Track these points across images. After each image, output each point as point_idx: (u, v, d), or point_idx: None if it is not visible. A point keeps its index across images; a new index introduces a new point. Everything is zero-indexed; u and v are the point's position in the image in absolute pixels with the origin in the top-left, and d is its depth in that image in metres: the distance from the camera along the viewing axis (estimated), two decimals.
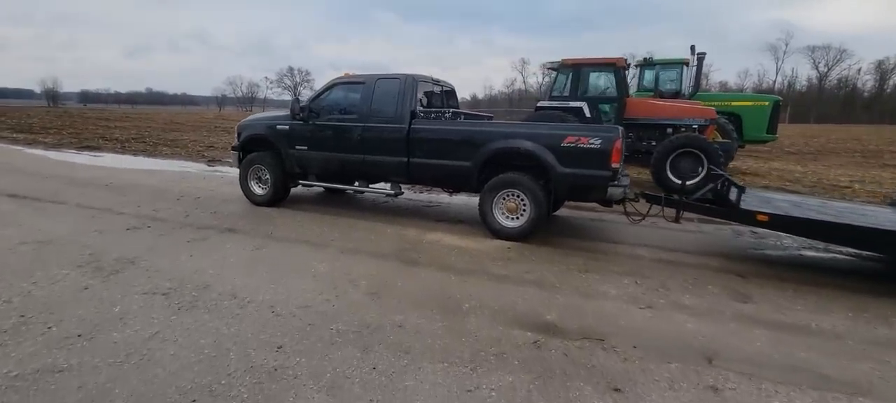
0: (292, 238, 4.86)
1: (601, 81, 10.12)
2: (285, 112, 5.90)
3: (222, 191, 7.17)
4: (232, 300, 3.31)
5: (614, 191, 4.55)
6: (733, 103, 12.06)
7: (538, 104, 10.08)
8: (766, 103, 11.83)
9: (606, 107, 9.84)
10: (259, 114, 6.48)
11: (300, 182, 6.09)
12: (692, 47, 11.53)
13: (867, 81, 64.91)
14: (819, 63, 66.15)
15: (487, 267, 4.14)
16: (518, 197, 4.84)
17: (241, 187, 6.29)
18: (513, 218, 4.90)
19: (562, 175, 4.60)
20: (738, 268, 4.27)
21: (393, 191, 5.56)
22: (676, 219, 4.98)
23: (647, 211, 5.00)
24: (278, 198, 6.16)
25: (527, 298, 3.48)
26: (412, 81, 5.37)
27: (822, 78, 66.60)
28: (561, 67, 9.90)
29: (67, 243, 4.50)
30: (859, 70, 64.77)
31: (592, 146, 4.48)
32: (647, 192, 5.02)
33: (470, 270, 4.05)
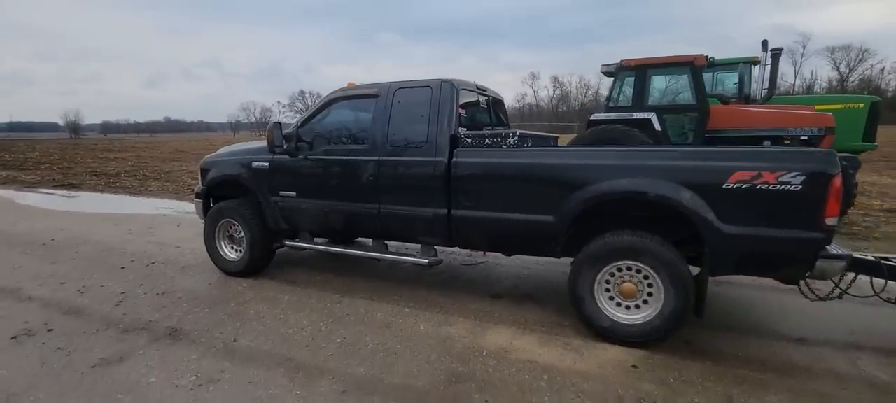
0: (265, 351, 2.95)
1: (673, 86, 8.17)
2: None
3: (190, 250, 5.35)
4: None
5: (829, 266, 2.55)
6: (818, 107, 9.96)
7: (592, 117, 8.14)
8: (862, 104, 9.68)
9: (678, 118, 7.87)
10: (232, 147, 4.67)
11: (286, 243, 4.21)
12: (764, 43, 9.51)
13: (891, 81, 61.61)
14: (840, 64, 63.33)
15: None
16: (639, 273, 2.87)
17: (207, 249, 4.45)
18: (631, 308, 2.92)
19: (726, 238, 2.62)
20: None
21: (425, 259, 3.61)
22: None
23: (848, 285, 2.98)
24: (257, 266, 4.29)
25: None
26: (450, 90, 3.49)
27: (844, 79, 63.52)
28: (620, 70, 7.97)
29: None
30: (883, 70, 61.60)
31: (787, 187, 2.50)
32: (855, 255, 2.99)
33: None
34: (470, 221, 3.33)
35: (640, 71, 7.71)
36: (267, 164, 4.04)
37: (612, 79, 8.18)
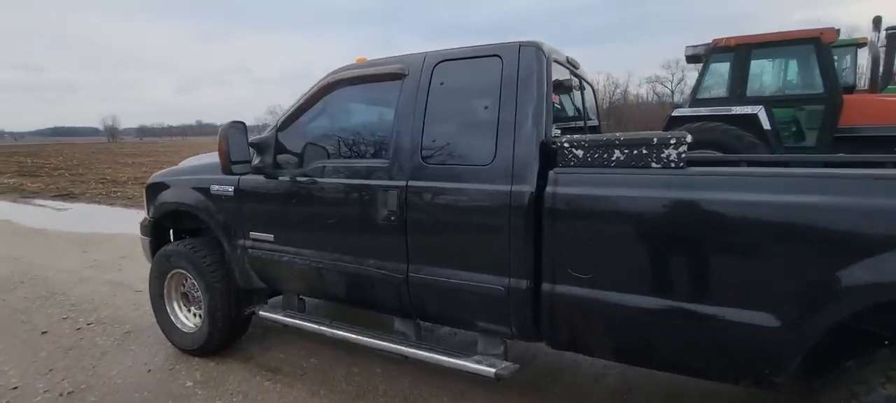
0: None
1: (788, 71, 6.38)
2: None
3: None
4: None
5: None
6: None
7: (673, 112, 6.43)
8: None
9: (791, 113, 6.08)
10: (189, 161, 3.21)
11: (260, 313, 2.72)
12: (877, 20, 7.58)
13: None
14: None
15: None
16: None
17: (155, 312, 3.02)
18: None
19: None
20: None
21: (490, 369, 1.99)
22: None
23: None
24: (223, 341, 2.82)
25: None
26: (537, 59, 1.91)
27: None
28: (712, 53, 6.20)
29: None
30: None
31: None
32: None
33: None
34: (582, 307, 1.73)
35: (741, 52, 5.94)
36: (231, 189, 2.57)
37: (702, 64, 6.43)
